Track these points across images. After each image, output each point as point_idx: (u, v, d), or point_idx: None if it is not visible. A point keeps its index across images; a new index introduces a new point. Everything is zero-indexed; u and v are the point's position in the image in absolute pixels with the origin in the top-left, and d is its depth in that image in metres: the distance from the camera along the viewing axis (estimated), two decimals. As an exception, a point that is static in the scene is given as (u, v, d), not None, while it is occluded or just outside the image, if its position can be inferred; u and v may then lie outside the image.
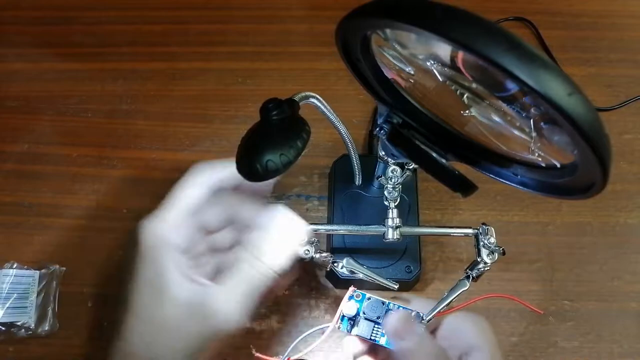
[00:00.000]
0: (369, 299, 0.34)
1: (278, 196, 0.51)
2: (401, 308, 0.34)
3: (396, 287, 0.35)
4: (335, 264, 0.36)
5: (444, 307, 0.34)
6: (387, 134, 0.32)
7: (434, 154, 0.29)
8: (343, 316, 0.34)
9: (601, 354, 0.44)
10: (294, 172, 0.52)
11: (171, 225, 0.31)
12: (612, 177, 0.25)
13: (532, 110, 0.24)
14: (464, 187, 0.29)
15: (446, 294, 0.34)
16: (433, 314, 0.33)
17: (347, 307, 0.34)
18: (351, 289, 0.35)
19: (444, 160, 0.29)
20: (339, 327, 0.34)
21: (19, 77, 0.59)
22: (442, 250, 0.48)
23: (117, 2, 0.64)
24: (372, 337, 0.33)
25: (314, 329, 0.36)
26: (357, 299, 0.34)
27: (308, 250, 0.35)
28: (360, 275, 0.36)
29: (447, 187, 0.29)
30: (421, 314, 0.33)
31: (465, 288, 0.35)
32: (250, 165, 0.28)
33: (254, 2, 0.64)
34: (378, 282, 0.35)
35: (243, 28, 0.62)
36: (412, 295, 0.36)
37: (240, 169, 0.28)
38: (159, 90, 0.57)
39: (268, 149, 0.28)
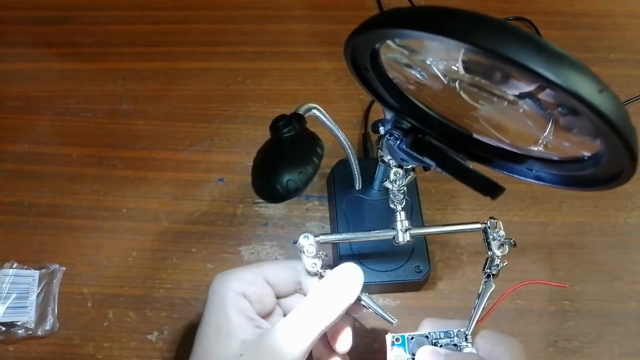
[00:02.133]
0: (411, 338, 0.33)
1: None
2: (428, 345, 0.33)
3: (394, 322, 0.34)
4: None
5: (480, 314, 0.33)
6: (410, 143, 0.31)
7: (460, 160, 0.29)
8: None
9: (601, 354, 0.44)
10: (294, 172, 0.52)
11: (237, 275, 0.33)
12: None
13: (550, 104, 0.24)
14: (492, 189, 0.28)
15: (476, 301, 0.34)
16: (473, 325, 0.33)
17: (395, 355, 0.33)
18: (389, 336, 0.33)
19: (470, 165, 0.29)
20: None
21: (19, 77, 0.59)
22: (441, 250, 0.48)
23: (117, 2, 0.64)
24: None
25: None
26: (397, 343, 0.33)
27: (315, 264, 0.34)
28: (362, 302, 0.34)
29: (475, 191, 0.29)
30: (463, 330, 0.33)
31: (493, 289, 0.34)
32: (270, 187, 0.27)
33: (254, 2, 0.64)
34: (377, 313, 0.34)
35: (243, 28, 0.62)
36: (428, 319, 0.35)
37: (259, 191, 0.28)
38: (159, 90, 0.57)
39: (286, 168, 0.27)
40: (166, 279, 0.47)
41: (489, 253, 0.35)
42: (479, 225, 0.37)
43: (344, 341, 0.34)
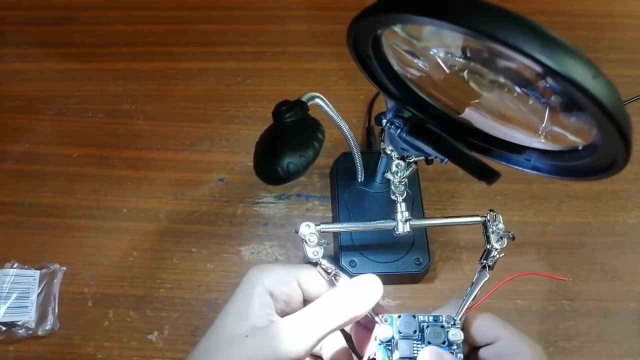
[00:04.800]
0: (398, 316, 0.34)
1: (278, 196, 0.51)
2: (432, 346, 0.33)
3: (382, 322, 0.34)
4: (337, 278, 0.35)
5: (470, 302, 0.34)
6: (409, 128, 0.32)
7: (458, 144, 0.29)
8: (380, 343, 0.33)
9: (601, 353, 0.44)
10: (294, 172, 0.52)
11: (272, 272, 0.33)
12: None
13: (548, 92, 0.25)
14: (487, 174, 0.29)
15: (469, 288, 0.34)
16: (463, 312, 0.33)
17: (381, 331, 0.33)
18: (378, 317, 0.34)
19: (467, 150, 0.29)
20: (376, 359, 0.33)
21: (19, 77, 0.59)
22: (441, 250, 0.48)
23: (117, 2, 0.64)
24: (415, 355, 0.32)
25: None
26: (385, 322, 0.34)
27: (317, 252, 0.35)
28: None
29: (471, 175, 0.29)
30: (452, 316, 0.33)
31: (486, 278, 0.35)
32: (271, 169, 0.28)
33: (254, 2, 0.64)
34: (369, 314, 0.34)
35: (243, 28, 0.62)
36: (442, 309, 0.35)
37: (260, 173, 0.29)
38: (159, 90, 0.58)
39: (287, 151, 0.28)
40: (166, 279, 0.47)
41: (488, 246, 0.35)
42: (478, 219, 0.37)
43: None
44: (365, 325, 0.36)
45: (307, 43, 0.61)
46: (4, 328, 0.43)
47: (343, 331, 0.37)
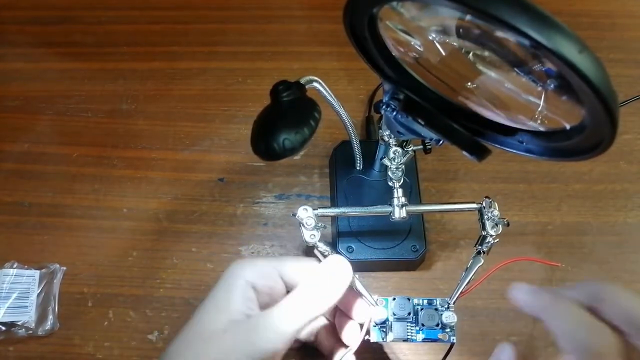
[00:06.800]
0: (393, 299, 0.34)
1: (278, 196, 0.51)
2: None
3: (376, 304, 0.34)
4: None
5: (464, 286, 0.34)
6: (402, 105, 0.32)
7: (449, 119, 0.30)
8: (375, 325, 0.34)
9: (601, 353, 0.44)
10: (294, 172, 0.52)
11: (254, 266, 0.34)
12: (611, 177, 0.25)
13: (541, 73, 0.25)
14: (478, 150, 0.29)
15: (463, 273, 0.35)
16: (457, 295, 0.34)
17: (376, 312, 0.33)
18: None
19: (456, 125, 0.30)
20: (370, 339, 0.33)
21: (19, 76, 0.59)
22: (441, 251, 0.48)
23: (117, 2, 0.64)
24: (409, 337, 0.33)
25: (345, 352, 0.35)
26: (380, 305, 0.34)
27: (314, 235, 0.35)
28: (353, 287, 0.35)
29: (463, 151, 0.29)
30: (446, 299, 0.34)
31: (481, 263, 0.35)
32: (267, 145, 0.28)
33: (254, 2, 0.64)
34: (363, 296, 0.35)
35: (243, 28, 0.63)
36: None
37: (257, 149, 0.29)
38: (159, 90, 0.58)
39: (283, 128, 0.29)
40: (166, 279, 0.47)
41: (483, 232, 0.36)
42: (474, 205, 0.37)
43: (351, 335, 0.35)
44: (344, 309, 0.36)
45: (307, 43, 0.61)
46: (3, 328, 0.43)
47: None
